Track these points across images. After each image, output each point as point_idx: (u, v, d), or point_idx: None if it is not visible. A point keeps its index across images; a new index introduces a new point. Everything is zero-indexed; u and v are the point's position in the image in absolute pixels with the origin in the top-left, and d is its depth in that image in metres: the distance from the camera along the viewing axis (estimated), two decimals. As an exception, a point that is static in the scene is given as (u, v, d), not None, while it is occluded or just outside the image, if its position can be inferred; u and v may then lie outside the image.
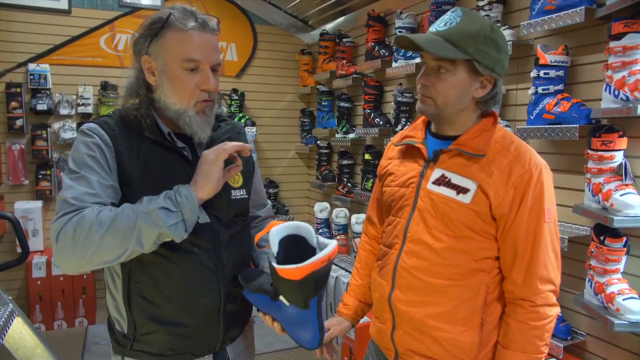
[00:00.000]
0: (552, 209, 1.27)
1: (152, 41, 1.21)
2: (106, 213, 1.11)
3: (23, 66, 3.86)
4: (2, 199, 3.81)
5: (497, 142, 1.29)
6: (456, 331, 1.28)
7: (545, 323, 1.26)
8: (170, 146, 1.26)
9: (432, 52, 1.23)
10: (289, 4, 4.44)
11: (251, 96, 4.60)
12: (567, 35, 2.25)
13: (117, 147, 1.22)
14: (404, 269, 1.33)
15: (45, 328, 3.79)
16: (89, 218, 1.09)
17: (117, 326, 1.31)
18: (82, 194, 1.14)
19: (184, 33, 1.20)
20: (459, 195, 1.27)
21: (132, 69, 1.28)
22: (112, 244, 1.10)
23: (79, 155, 1.19)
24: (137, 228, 1.10)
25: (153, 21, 1.22)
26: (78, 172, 1.17)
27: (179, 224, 1.13)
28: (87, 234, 1.08)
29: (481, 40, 1.22)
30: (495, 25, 1.26)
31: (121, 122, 1.25)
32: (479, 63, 1.23)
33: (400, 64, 3.16)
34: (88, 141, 1.21)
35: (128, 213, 1.11)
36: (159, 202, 1.13)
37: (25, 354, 2.06)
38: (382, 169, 1.51)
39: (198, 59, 1.21)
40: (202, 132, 1.26)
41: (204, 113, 1.26)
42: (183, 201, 1.13)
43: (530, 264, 1.25)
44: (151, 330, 1.25)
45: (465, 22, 1.23)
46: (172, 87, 1.22)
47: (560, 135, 2.07)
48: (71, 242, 1.09)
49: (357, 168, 3.96)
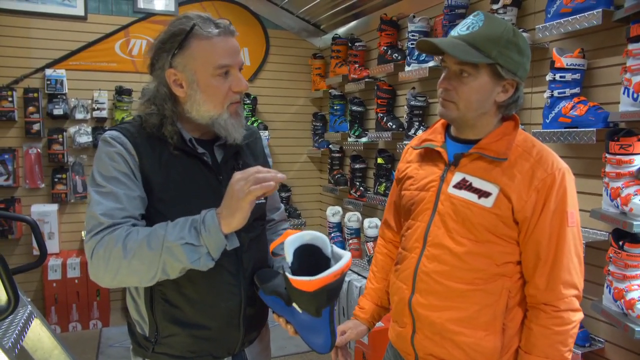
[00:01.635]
0: (575, 213, 1.26)
1: (177, 54, 1.20)
2: (133, 237, 1.12)
3: (40, 72, 3.91)
4: (19, 202, 3.86)
5: (518, 145, 1.29)
6: (478, 336, 1.28)
7: (569, 328, 1.25)
8: (192, 152, 1.26)
9: (456, 56, 1.22)
10: (301, 9, 4.46)
11: (263, 100, 4.62)
12: (583, 38, 2.23)
13: (140, 155, 1.22)
14: (425, 273, 1.32)
15: (61, 330, 3.83)
16: (118, 241, 1.11)
17: (138, 328, 1.31)
18: (111, 210, 1.15)
19: (210, 41, 1.20)
20: (481, 199, 1.26)
21: (154, 83, 1.27)
22: (139, 269, 1.13)
23: (105, 168, 1.20)
24: (162, 259, 1.11)
25: (173, 34, 1.21)
26: (104, 185, 1.18)
27: (203, 257, 1.13)
28: (116, 257, 1.11)
29: (504, 44, 1.22)
30: (517, 29, 1.26)
31: (143, 129, 1.25)
32: (501, 67, 1.23)
33: (413, 67, 3.15)
34: (111, 151, 1.21)
35: (153, 241, 1.11)
36: (183, 235, 1.11)
37: (43, 356, 2.08)
38: (401, 173, 1.50)
39: (228, 64, 1.22)
40: (237, 132, 1.27)
41: (237, 114, 1.28)
42: (207, 235, 1.11)
43: (554, 269, 1.24)
44: (173, 333, 1.26)
45: (487, 26, 1.23)
46: (205, 95, 1.22)
47: (577, 139, 2.05)
48: (103, 263, 1.13)
49: (369, 172, 3.96)
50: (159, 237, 1.12)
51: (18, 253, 3.90)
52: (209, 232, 1.11)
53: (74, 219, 4.09)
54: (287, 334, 1.30)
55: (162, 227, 1.14)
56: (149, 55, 1.26)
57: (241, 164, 1.34)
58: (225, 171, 1.30)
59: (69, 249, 4.06)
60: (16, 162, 3.83)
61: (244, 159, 1.37)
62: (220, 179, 1.28)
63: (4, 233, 3.81)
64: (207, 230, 1.11)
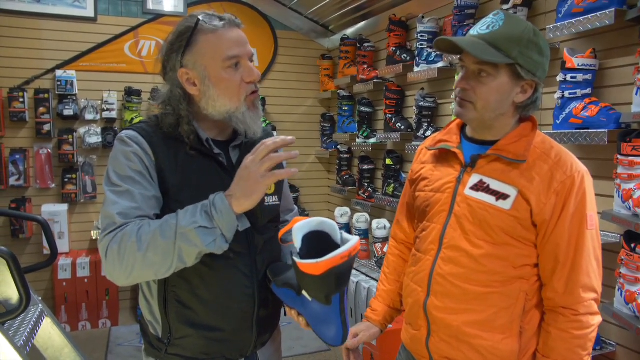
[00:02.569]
0: (594, 215, 1.26)
1: (185, 52, 1.20)
2: (146, 229, 1.12)
3: (51, 73, 3.94)
4: (30, 202, 3.89)
5: (536, 147, 1.28)
6: (495, 339, 1.27)
7: (589, 332, 1.24)
8: (208, 152, 1.26)
9: (476, 56, 1.21)
10: (310, 9, 4.46)
11: (272, 101, 4.63)
12: (595, 38, 2.21)
13: (156, 155, 1.21)
14: (441, 276, 1.32)
15: (70, 328, 3.85)
16: (131, 235, 1.11)
17: (150, 329, 1.31)
18: (127, 209, 1.15)
19: (216, 34, 1.20)
20: (499, 201, 1.25)
21: (168, 85, 1.26)
22: (154, 260, 1.12)
23: (120, 167, 1.19)
24: (177, 247, 1.11)
25: (180, 33, 1.21)
26: (120, 185, 1.18)
27: (218, 239, 1.13)
28: (131, 251, 1.11)
29: (525, 44, 1.20)
30: (537, 29, 1.25)
31: (159, 128, 1.25)
32: (521, 67, 1.22)
33: (422, 68, 3.15)
34: (127, 151, 1.20)
35: (167, 230, 1.11)
36: (196, 219, 1.11)
37: (54, 354, 2.10)
38: (415, 174, 1.49)
39: (238, 54, 1.21)
40: (255, 125, 1.26)
41: (254, 106, 1.27)
42: (220, 217, 1.12)
43: (573, 272, 1.23)
44: (186, 334, 1.26)
45: (508, 26, 1.22)
46: (219, 90, 1.21)
47: (588, 140, 2.04)
48: (118, 259, 1.12)
49: (378, 173, 3.95)
50: (172, 226, 1.11)
51: (29, 252, 3.94)
52: (221, 213, 1.11)
53: (83, 219, 4.11)
54: (296, 335, 1.30)
55: (172, 216, 1.14)
56: (160, 59, 1.27)
57: None
58: None
59: (78, 249, 4.09)
60: (27, 162, 3.87)
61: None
62: None
63: (15, 232, 3.85)
64: (219, 212, 1.11)
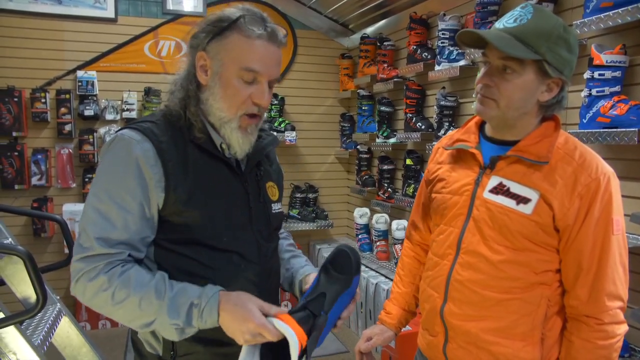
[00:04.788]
0: (621, 220, 1.19)
1: (214, 39, 1.13)
2: (125, 284, 1.07)
3: (72, 73, 3.99)
4: (52, 201, 3.94)
5: (559, 148, 1.21)
6: (515, 347, 1.22)
7: (614, 342, 1.18)
8: (219, 156, 1.19)
9: (503, 50, 1.14)
10: (329, 8, 4.43)
11: (291, 100, 4.61)
12: (624, 34, 2.13)
13: (165, 163, 1.11)
14: (459, 282, 1.27)
15: (91, 327, 3.89)
16: (109, 286, 1.07)
17: (147, 347, 1.21)
18: (108, 235, 1.08)
19: (249, 40, 1.12)
20: (519, 205, 1.19)
21: (185, 62, 1.21)
22: (124, 318, 1.10)
23: (114, 181, 1.10)
24: (151, 324, 1.09)
25: (220, 18, 1.14)
26: (108, 204, 1.09)
27: (192, 332, 1.11)
28: (104, 300, 1.08)
29: (554, 40, 1.14)
30: (567, 25, 1.18)
31: (167, 125, 1.16)
32: (549, 64, 1.15)
33: (443, 67, 3.09)
34: (128, 160, 1.10)
35: (146, 305, 1.07)
36: (178, 321, 1.07)
37: (71, 353, 2.11)
38: (431, 174, 1.44)
39: (258, 71, 1.13)
40: (241, 149, 1.19)
41: (246, 130, 1.18)
42: (202, 324, 1.08)
43: (597, 279, 1.17)
44: (192, 351, 1.18)
45: (537, 20, 1.15)
46: (223, 92, 1.15)
47: (616, 139, 1.96)
48: (88, 296, 1.10)
49: (397, 173, 3.90)
50: (153, 304, 1.06)
51: (50, 251, 3.99)
52: (205, 323, 1.08)
53: (104, 218, 4.14)
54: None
55: (160, 292, 1.07)
56: (193, 31, 1.19)
57: (262, 171, 1.31)
58: (250, 179, 1.26)
59: (99, 248, 4.12)
60: (49, 162, 3.92)
61: (265, 166, 1.33)
62: (247, 187, 1.24)
63: (37, 232, 3.90)
64: (204, 321, 1.08)
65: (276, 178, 1.36)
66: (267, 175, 1.32)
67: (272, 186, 1.33)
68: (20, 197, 3.89)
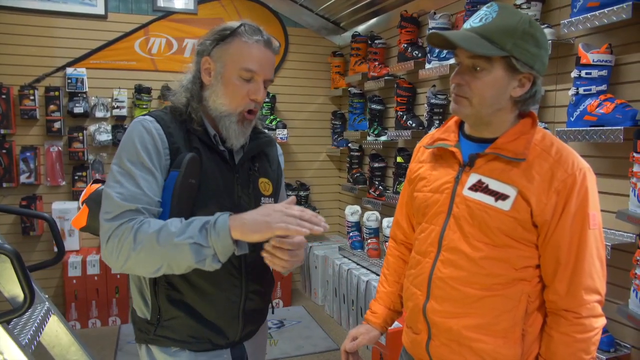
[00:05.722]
0: (597, 214, 1.20)
1: (217, 45, 1.31)
2: (145, 229, 1.15)
3: (61, 70, 3.96)
4: (41, 200, 3.91)
5: (536, 144, 1.22)
6: (497, 343, 1.23)
7: (592, 335, 1.19)
8: (214, 148, 1.32)
9: (468, 49, 1.17)
10: (321, 6, 4.43)
11: (282, 98, 4.61)
12: (611, 33, 2.15)
13: (171, 145, 1.26)
14: (440, 279, 1.28)
15: (81, 326, 3.87)
16: (130, 233, 1.15)
17: (139, 313, 1.36)
18: (129, 193, 1.19)
19: (248, 44, 1.29)
20: (498, 201, 1.21)
21: (191, 68, 1.36)
22: (145, 261, 1.17)
23: (132, 150, 1.23)
24: (169, 255, 1.14)
25: (223, 28, 1.32)
26: (129, 168, 1.21)
27: (209, 259, 1.15)
28: (127, 247, 1.16)
29: (519, 36, 1.15)
30: (534, 20, 1.20)
31: (174, 118, 1.32)
32: (517, 60, 1.16)
33: (433, 65, 3.10)
34: (144, 135, 1.24)
35: (163, 236, 1.14)
36: (192, 234, 1.13)
37: (60, 352, 2.10)
38: (413, 173, 1.45)
39: (255, 70, 1.29)
40: (237, 140, 1.33)
41: (243, 124, 1.33)
42: (216, 238, 1.13)
43: (575, 273, 1.19)
44: (174, 315, 1.30)
45: (502, 17, 1.17)
46: (224, 89, 1.30)
47: (603, 137, 1.98)
48: (116, 251, 1.17)
49: (388, 171, 3.91)
50: (169, 234, 1.14)
51: (39, 250, 3.97)
52: (218, 235, 1.13)
53: (94, 216, 4.12)
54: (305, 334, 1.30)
55: (174, 223, 1.16)
56: (200, 40, 1.36)
57: (257, 167, 1.42)
58: (241, 171, 1.37)
59: (88, 246, 4.11)
60: (38, 160, 3.89)
61: (261, 162, 1.44)
62: (236, 177, 1.35)
63: (25, 230, 3.88)
64: (217, 234, 1.14)
65: (274, 177, 1.47)
66: (263, 172, 1.43)
67: (266, 182, 1.43)
68: (8, 195, 3.86)
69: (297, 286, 4.85)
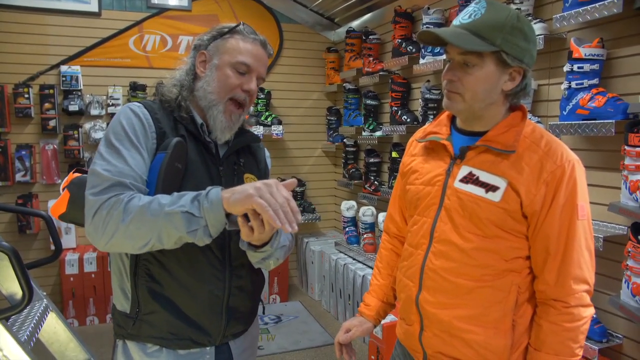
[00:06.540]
0: (586, 205, 1.22)
1: (215, 40, 1.35)
2: (135, 202, 1.13)
3: (55, 68, 3.95)
4: (37, 198, 3.91)
5: (526, 137, 1.25)
6: (487, 334, 1.25)
7: (580, 324, 1.21)
8: (200, 139, 1.33)
9: (459, 46, 1.19)
10: (315, 2, 4.43)
11: (277, 94, 4.61)
12: (602, 27, 2.17)
13: (158, 129, 1.27)
14: (432, 270, 1.30)
15: (78, 323, 3.88)
16: (120, 204, 1.13)
17: (118, 306, 1.33)
18: (118, 170, 1.17)
19: (245, 41, 1.34)
20: (488, 193, 1.23)
21: (186, 62, 1.38)
22: (134, 234, 1.12)
23: (119, 129, 1.23)
24: (159, 225, 1.11)
25: (222, 27, 1.37)
26: (116, 146, 1.21)
27: (201, 230, 1.11)
28: (116, 220, 1.12)
29: (508, 31, 1.18)
30: (522, 15, 1.22)
31: (162, 107, 1.33)
32: (507, 54, 1.19)
33: (427, 60, 3.11)
34: (131, 117, 1.25)
35: (154, 207, 1.11)
36: (184, 204, 1.11)
37: (59, 348, 2.11)
38: (405, 167, 1.47)
39: (250, 65, 1.33)
40: (222, 133, 1.34)
41: (230, 116, 1.34)
42: (209, 207, 1.10)
43: (563, 263, 1.21)
44: (154, 309, 1.27)
45: (490, 13, 1.19)
46: (217, 78, 1.32)
47: (595, 131, 2.00)
48: (102, 224, 1.13)
49: (384, 166, 3.93)
50: (161, 205, 1.12)
51: (36, 248, 3.97)
52: (211, 204, 1.10)
53: (90, 214, 4.12)
54: (302, 328, 1.30)
55: (164, 196, 1.15)
56: (198, 37, 1.39)
57: (242, 162, 1.41)
58: (226, 165, 1.37)
59: (85, 244, 4.11)
60: (33, 158, 3.89)
61: (247, 159, 1.44)
62: (221, 170, 1.35)
63: (22, 228, 3.88)
64: (210, 203, 1.10)
65: (261, 177, 1.44)
66: (249, 168, 1.43)
67: (252, 178, 1.41)
68: (4, 193, 3.86)
69: (294, 281, 4.87)
